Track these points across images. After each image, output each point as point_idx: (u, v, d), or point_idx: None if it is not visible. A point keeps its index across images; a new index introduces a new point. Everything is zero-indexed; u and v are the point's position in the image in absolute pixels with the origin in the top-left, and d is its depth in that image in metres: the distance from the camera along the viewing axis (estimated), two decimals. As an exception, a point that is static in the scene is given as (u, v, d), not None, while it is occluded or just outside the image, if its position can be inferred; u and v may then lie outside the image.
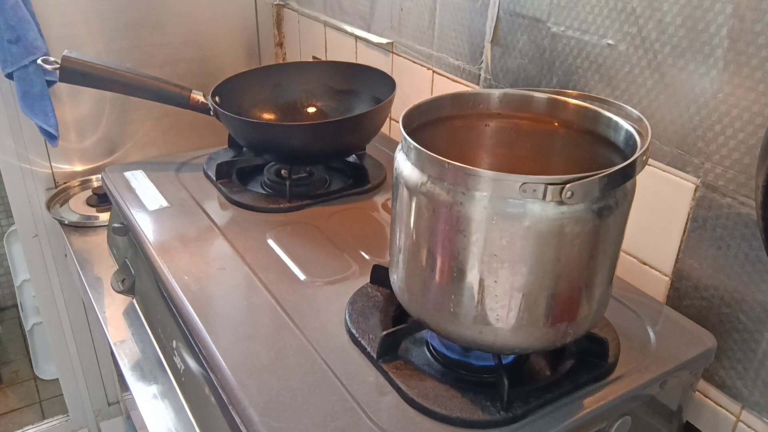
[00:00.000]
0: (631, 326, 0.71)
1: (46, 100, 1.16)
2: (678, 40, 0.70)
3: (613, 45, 0.77)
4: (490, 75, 0.98)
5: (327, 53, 1.42)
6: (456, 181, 0.53)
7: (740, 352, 0.72)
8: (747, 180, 0.67)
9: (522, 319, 0.57)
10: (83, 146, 1.35)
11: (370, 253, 0.84)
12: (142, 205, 0.93)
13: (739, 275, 0.71)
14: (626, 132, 0.60)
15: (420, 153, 0.55)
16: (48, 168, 1.32)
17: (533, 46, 0.89)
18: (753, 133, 0.66)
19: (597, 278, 0.58)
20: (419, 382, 0.62)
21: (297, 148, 0.96)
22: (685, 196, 0.74)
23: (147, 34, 1.33)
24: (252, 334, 0.68)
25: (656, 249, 0.79)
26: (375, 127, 1.01)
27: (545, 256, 0.54)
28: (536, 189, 0.50)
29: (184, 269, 0.78)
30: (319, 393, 0.61)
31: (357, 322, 0.69)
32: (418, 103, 0.64)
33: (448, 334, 0.61)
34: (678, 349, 0.68)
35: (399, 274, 0.63)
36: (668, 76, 0.73)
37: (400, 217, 0.60)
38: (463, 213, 0.54)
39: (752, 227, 0.68)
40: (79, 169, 1.37)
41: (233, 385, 0.61)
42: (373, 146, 1.08)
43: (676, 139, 0.74)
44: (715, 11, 0.66)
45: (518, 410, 0.58)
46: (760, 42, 0.63)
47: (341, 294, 0.74)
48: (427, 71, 1.12)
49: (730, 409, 0.75)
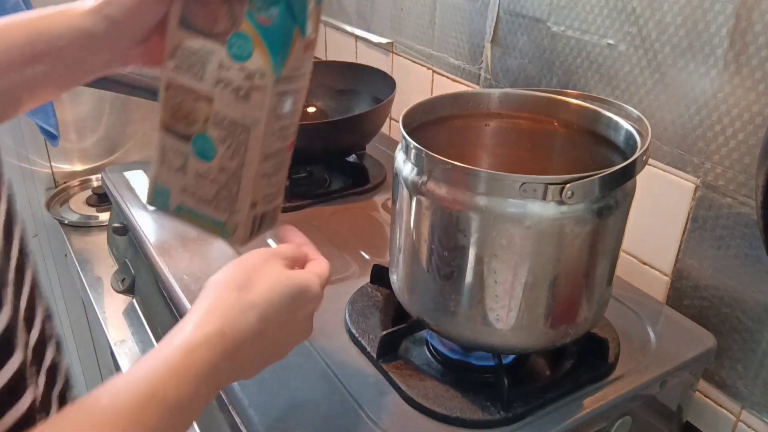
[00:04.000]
0: (631, 326, 0.71)
1: (46, 100, 1.16)
2: (678, 40, 0.70)
3: (613, 45, 0.77)
4: (490, 75, 0.98)
5: (327, 53, 1.42)
6: (456, 180, 0.53)
7: (740, 352, 0.72)
8: (747, 180, 0.67)
9: (522, 319, 0.57)
10: (83, 146, 1.35)
11: (370, 253, 0.83)
12: (142, 205, 0.93)
13: (739, 275, 0.71)
14: (626, 132, 0.60)
15: (420, 153, 0.55)
16: (48, 168, 1.32)
17: (533, 46, 0.89)
18: (753, 133, 0.66)
19: (597, 278, 0.58)
20: (419, 382, 0.62)
21: (297, 148, 0.95)
22: (685, 196, 0.74)
23: (147, 34, 1.33)
24: (252, 334, 0.68)
25: (656, 249, 0.79)
26: (375, 127, 1.01)
27: (545, 256, 0.54)
28: (536, 189, 0.50)
29: (184, 269, 0.78)
30: (319, 393, 0.61)
31: (357, 322, 0.69)
32: (418, 103, 0.64)
33: (448, 334, 0.61)
34: (678, 349, 0.68)
35: (399, 274, 0.63)
36: (668, 76, 0.72)
37: (400, 217, 0.60)
38: (463, 213, 0.54)
39: (752, 227, 0.68)
40: (79, 169, 1.37)
41: (233, 385, 0.61)
42: (373, 146, 1.08)
43: (676, 139, 0.74)
44: (715, 11, 0.66)
45: (518, 410, 0.58)
46: (760, 42, 0.63)
47: (341, 294, 0.74)
48: (427, 71, 1.12)
49: (730, 409, 0.75)
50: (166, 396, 0.37)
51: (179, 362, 0.39)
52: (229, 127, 0.47)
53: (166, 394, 0.38)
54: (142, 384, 0.37)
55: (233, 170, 0.48)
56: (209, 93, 0.47)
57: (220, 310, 0.42)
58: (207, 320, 0.41)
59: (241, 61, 0.45)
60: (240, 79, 0.45)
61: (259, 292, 0.44)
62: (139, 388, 0.37)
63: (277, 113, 0.47)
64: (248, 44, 0.44)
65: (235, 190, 0.49)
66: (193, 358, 0.39)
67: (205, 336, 0.40)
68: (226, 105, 0.46)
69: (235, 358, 0.42)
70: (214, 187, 0.49)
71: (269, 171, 0.50)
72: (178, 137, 0.49)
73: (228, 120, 0.47)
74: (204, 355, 0.40)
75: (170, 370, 0.38)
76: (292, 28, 0.44)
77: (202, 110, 0.47)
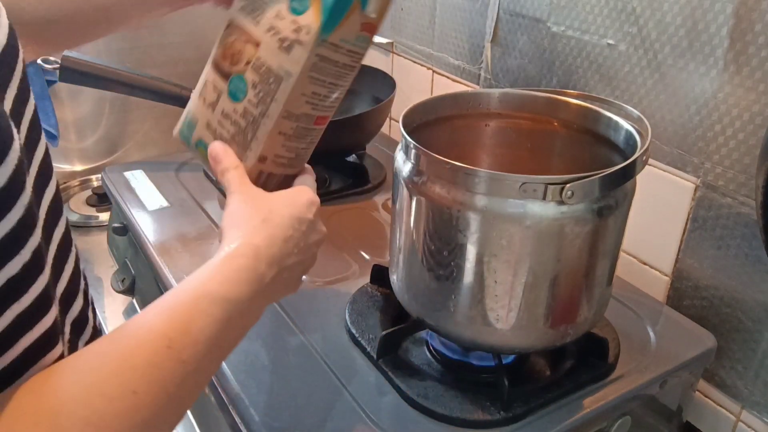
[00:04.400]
0: (631, 326, 0.71)
1: (46, 99, 1.16)
2: (678, 40, 0.70)
3: (613, 45, 0.77)
4: (490, 75, 0.98)
5: (327, 53, 1.42)
6: (456, 181, 0.53)
7: (740, 352, 0.72)
8: (747, 180, 0.67)
9: (522, 319, 0.57)
10: (83, 146, 1.35)
11: (370, 253, 0.83)
12: (142, 205, 0.93)
13: (739, 275, 0.71)
14: (626, 132, 0.60)
15: (420, 153, 0.55)
16: (48, 168, 1.32)
17: (533, 46, 0.89)
18: (753, 133, 0.66)
19: (597, 278, 0.58)
20: (419, 382, 0.62)
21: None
22: (685, 196, 0.74)
23: (147, 34, 1.33)
24: (252, 334, 0.68)
25: (656, 249, 0.79)
26: (375, 127, 1.01)
27: (545, 256, 0.54)
28: (536, 189, 0.50)
29: (184, 269, 0.78)
30: (319, 393, 0.61)
31: (357, 322, 0.69)
32: (418, 103, 0.64)
33: (448, 334, 0.61)
34: (678, 349, 0.68)
35: (399, 274, 0.63)
36: (668, 76, 0.72)
37: (400, 217, 0.60)
38: (463, 213, 0.54)
39: (752, 227, 0.68)
40: (79, 169, 1.37)
41: (233, 385, 0.61)
42: (373, 146, 1.08)
43: (676, 139, 0.74)
44: (715, 11, 0.66)
45: (518, 410, 0.58)
46: (760, 42, 0.63)
47: (341, 294, 0.74)
48: (427, 71, 1.12)
49: (730, 409, 0.75)
50: (212, 292, 0.41)
51: (220, 266, 0.43)
52: (264, 74, 0.48)
53: (212, 290, 0.41)
54: (189, 286, 0.41)
55: (254, 117, 0.50)
56: (259, 38, 0.48)
57: (245, 230, 0.46)
58: (235, 238, 0.45)
59: (296, 15, 0.47)
60: (289, 30, 0.47)
61: (269, 207, 0.48)
62: (187, 291, 0.41)
63: (313, 76, 0.49)
64: (307, 0, 0.46)
65: (250, 137, 0.50)
66: (232, 263, 0.43)
67: (240, 245, 0.45)
68: (269, 52, 0.48)
69: (271, 262, 0.45)
70: (233, 129, 0.51)
71: (288, 132, 0.51)
72: (221, 74, 0.51)
73: (265, 67, 0.48)
74: (242, 260, 0.44)
75: (214, 272, 0.43)
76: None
77: (248, 52, 0.49)
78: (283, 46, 0.47)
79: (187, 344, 0.38)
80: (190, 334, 0.39)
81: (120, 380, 0.36)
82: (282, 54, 0.47)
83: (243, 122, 0.50)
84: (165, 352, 0.37)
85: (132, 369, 0.36)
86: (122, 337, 0.38)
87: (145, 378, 0.36)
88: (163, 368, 0.37)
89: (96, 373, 0.36)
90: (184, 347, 0.38)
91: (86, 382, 0.35)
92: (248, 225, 0.47)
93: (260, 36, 0.48)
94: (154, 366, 0.37)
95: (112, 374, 0.36)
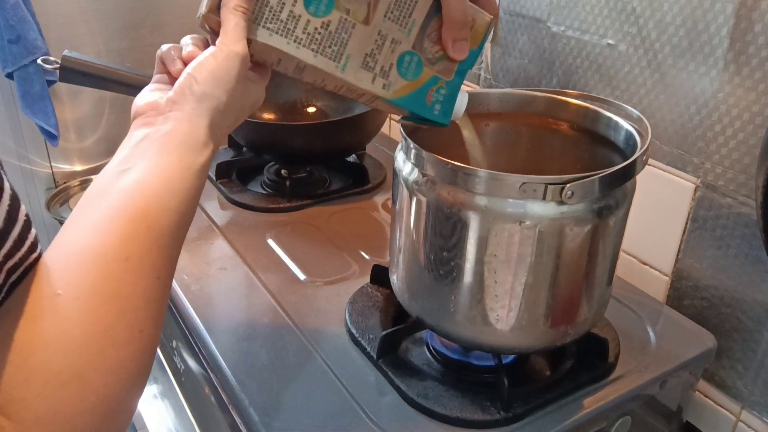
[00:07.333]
0: (631, 326, 0.71)
1: (46, 99, 1.16)
2: (678, 40, 0.70)
3: (613, 45, 0.77)
4: (490, 75, 0.98)
5: (327, 53, 1.42)
6: (456, 181, 0.53)
7: (740, 352, 0.72)
8: (747, 180, 0.67)
9: (522, 319, 0.57)
10: (83, 146, 1.35)
11: (370, 253, 0.83)
12: (142, 205, 0.93)
13: (739, 275, 0.71)
14: (626, 132, 0.60)
15: (420, 153, 0.55)
16: (48, 168, 1.32)
17: (533, 46, 0.89)
18: (753, 133, 0.66)
19: (597, 278, 0.58)
20: (419, 382, 0.62)
21: (297, 148, 0.96)
22: (685, 196, 0.74)
23: (147, 34, 1.33)
24: (252, 334, 0.68)
25: (656, 249, 0.79)
26: (375, 127, 1.01)
27: (545, 256, 0.54)
28: (536, 189, 0.50)
29: (184, 269, 0.78)
30: (319, 393, 0.61)
31: (357, 322, 0.69)
32: (418, 103, 0.64)
33: (448, 334, 0.61)
34: (678, 349, 0.68)
35: (399, 274, 0.63)
36: (668, 76, 0.72)
37: (400, 217, 0.60)
38: (463, 213, 0.54)
39: (752, 227, 0.68)
40: (79, 169, 1.37)
41: (233, 385, 0.61)
42: (373, 146, 1.08)
43: (676, 139, 0.74)
44: (715, 11, 0.66)
45: (518, 410, 0.58)
46: (760, 42, 0.63)
47: (341, 294, 0.74)
48: (427, 71, 1.12)
49: (730, 409, 0.75)
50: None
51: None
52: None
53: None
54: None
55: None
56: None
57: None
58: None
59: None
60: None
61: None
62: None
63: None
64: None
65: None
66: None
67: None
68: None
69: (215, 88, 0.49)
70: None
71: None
72: None
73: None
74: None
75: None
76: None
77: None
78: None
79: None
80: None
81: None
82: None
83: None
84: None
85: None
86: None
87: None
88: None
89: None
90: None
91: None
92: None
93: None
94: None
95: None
